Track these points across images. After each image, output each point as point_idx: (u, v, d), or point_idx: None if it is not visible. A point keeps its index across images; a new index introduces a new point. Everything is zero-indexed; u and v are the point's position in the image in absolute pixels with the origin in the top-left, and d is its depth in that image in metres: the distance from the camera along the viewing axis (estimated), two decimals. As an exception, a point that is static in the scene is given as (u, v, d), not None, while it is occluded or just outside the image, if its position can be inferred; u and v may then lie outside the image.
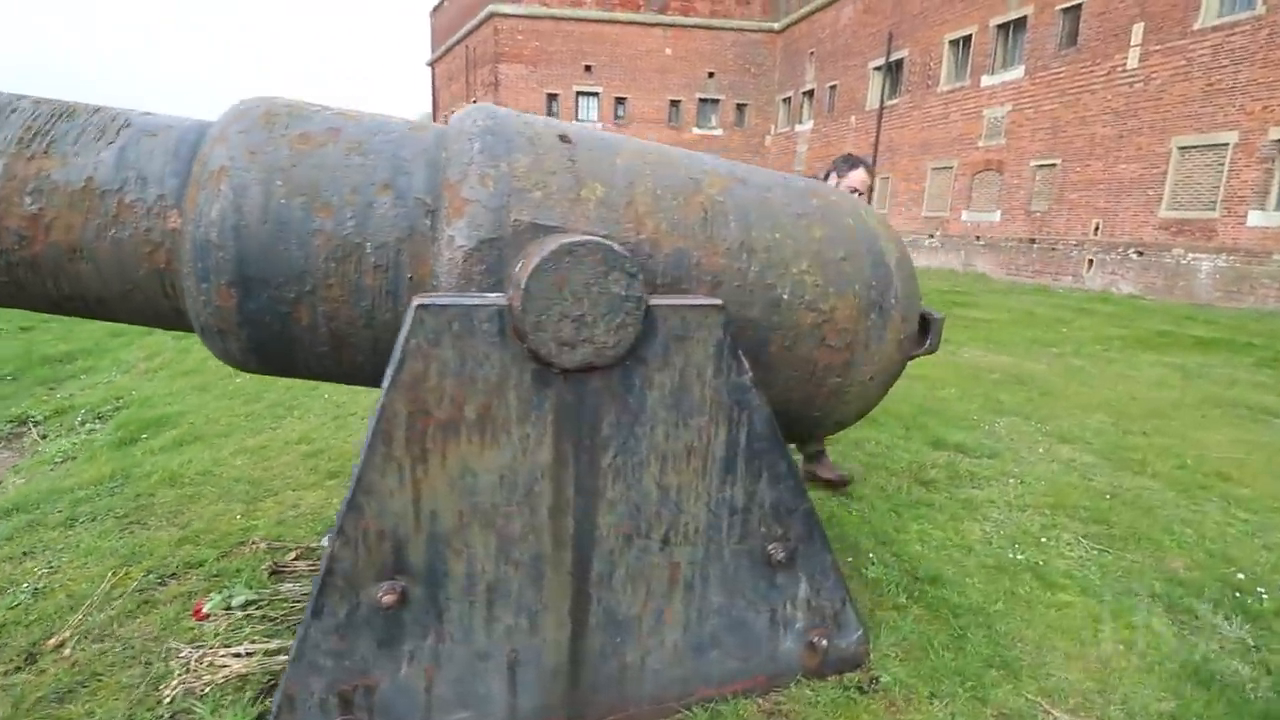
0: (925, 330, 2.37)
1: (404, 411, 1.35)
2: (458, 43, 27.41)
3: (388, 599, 1.39)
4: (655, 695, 1.71)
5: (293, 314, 1.50)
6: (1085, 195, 13.73)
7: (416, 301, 1.32)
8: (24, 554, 2.38)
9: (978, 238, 16.58)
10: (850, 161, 3.15)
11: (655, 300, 1.48)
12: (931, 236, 18.06)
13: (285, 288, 1.47)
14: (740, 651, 1.77)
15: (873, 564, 2.49)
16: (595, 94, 24.98)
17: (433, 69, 31.26)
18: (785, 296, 1.74)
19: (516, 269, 1.39)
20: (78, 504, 2.73)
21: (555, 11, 23.92)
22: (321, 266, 1.47)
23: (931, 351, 2.40)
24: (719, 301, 1.53)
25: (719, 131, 26.79)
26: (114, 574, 2.24)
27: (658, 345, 1.49)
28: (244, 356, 1.60)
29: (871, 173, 3.16)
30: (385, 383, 1.33)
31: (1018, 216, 15.40)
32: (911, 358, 2.38)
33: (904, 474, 3.45)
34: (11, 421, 3.78)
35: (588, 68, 24.58)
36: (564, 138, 1.66)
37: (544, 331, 1.36)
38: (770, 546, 1.71)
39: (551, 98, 24.60)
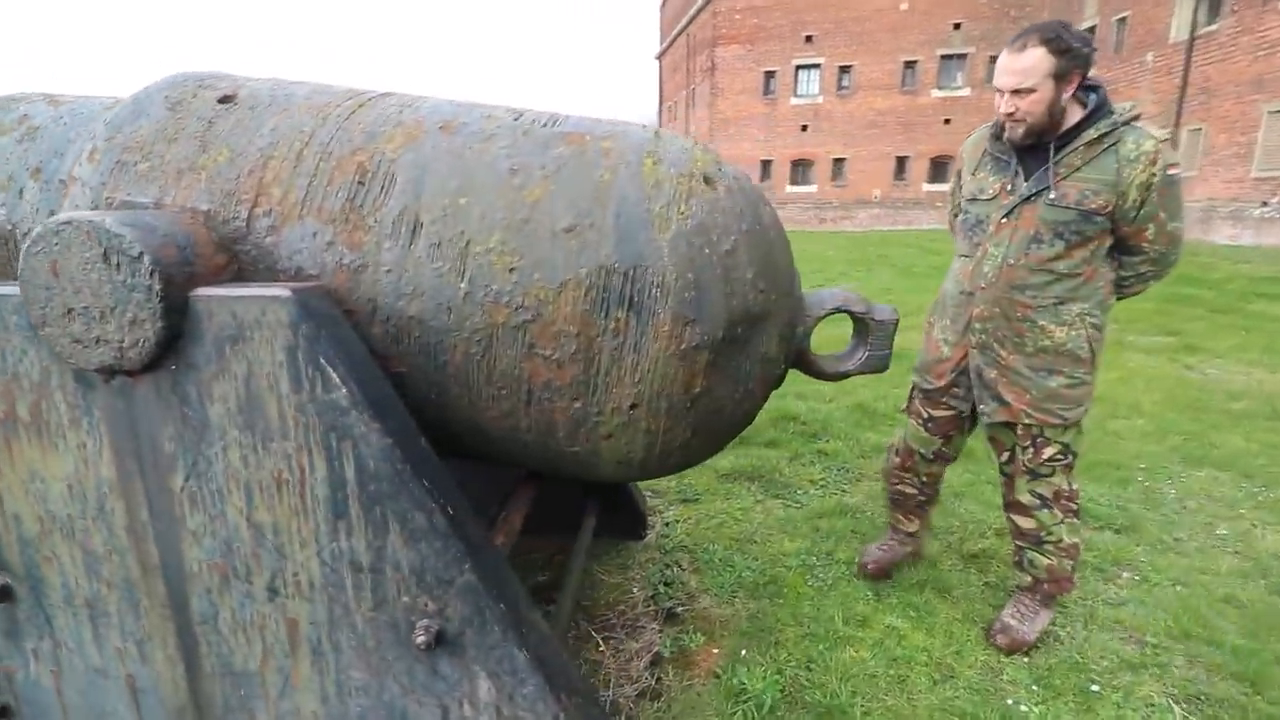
0: (864, 335, 1.66)
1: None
2: (680, 32, 27.80)
3: (-25, 596, 1.34)
4: (304, 770, 1.41)
5: None
6: None
7: None
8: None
9: (1346, 204, 11.59)
10: (1013, 42, 1.65)
11: (202, 291, 1.17)
12: (1264, 205, 13.15)
13: None
14: (406, 746, 1.37)
15: (753, 665, 1.78)
16: (816, 65, 23.18)
17: (660, 62, 32.27)
18: (463, 286, 1.27)
19: None
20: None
21: (777, -15, 22.75)
22: None
23: (875, 370, 1.66)
24: (283, 292, 1.14)
25: (965, 91, 22.98)
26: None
27: (209, 347, 1.18)
28: None
29: (1061, 48, 1.58)
30: (-59, 374, 1.26)
31: None
32: (833, 376, 1.67)
33: (948, 535, 2.48)
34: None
35: (808, 38, 22.90)
36: (227, 98, 1.41)
37: (52, 327, 1.16)
38: (419, 624, 1.28)
39: (769, 76, 23.51)
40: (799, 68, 23.48)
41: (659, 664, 1.81)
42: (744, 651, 1.83)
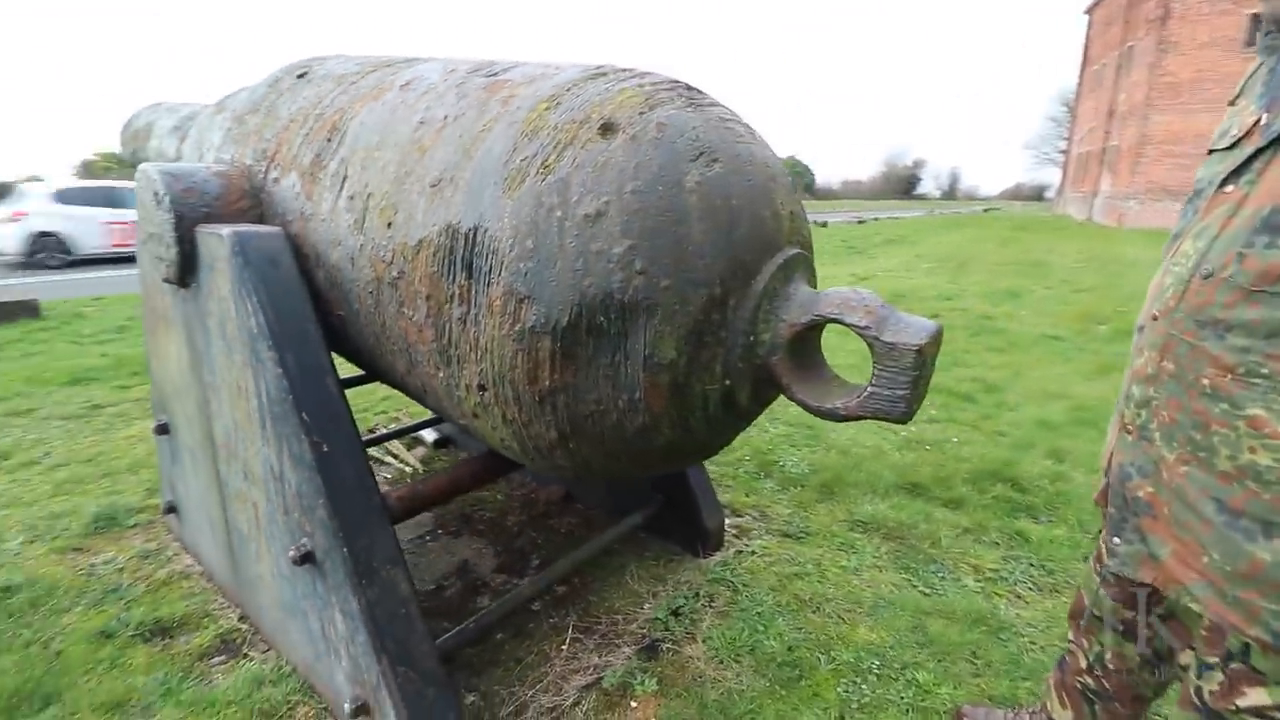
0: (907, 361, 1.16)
1: (143, 299, 1.86)
2: (1129, -23, 21.59)
3: (155, 425, 1.98)
4: (271, 630, 1.71)
5: None
6: None
7: None
8: None
9: None
10: None
11: (202, 226, 1.46)
12: None
13: None
14: (310, 645, 1.54)
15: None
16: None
17: (1089, 18, 25.72)
18: (361, 238, 1.31)
19: None
20: None
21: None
22: None
23: (883, 415, 1.16)
24: (225, 231, 1.35)
25: None
26: None
27: (204, 273, 1.47)
28: None
29: None
30: (147, 275, 1.86)
31: None
32: (817, 413, 1.24)
33: None
34: None
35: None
36: (302, 74, 1.70)
37: (146, 245, 1.60)
38: (299, 539, 1.41)
39: (1256, 19, 16.58)
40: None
41: (591, 690, 1.62)
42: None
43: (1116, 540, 1.05)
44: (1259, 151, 0.88)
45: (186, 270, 1.51)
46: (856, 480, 2.72)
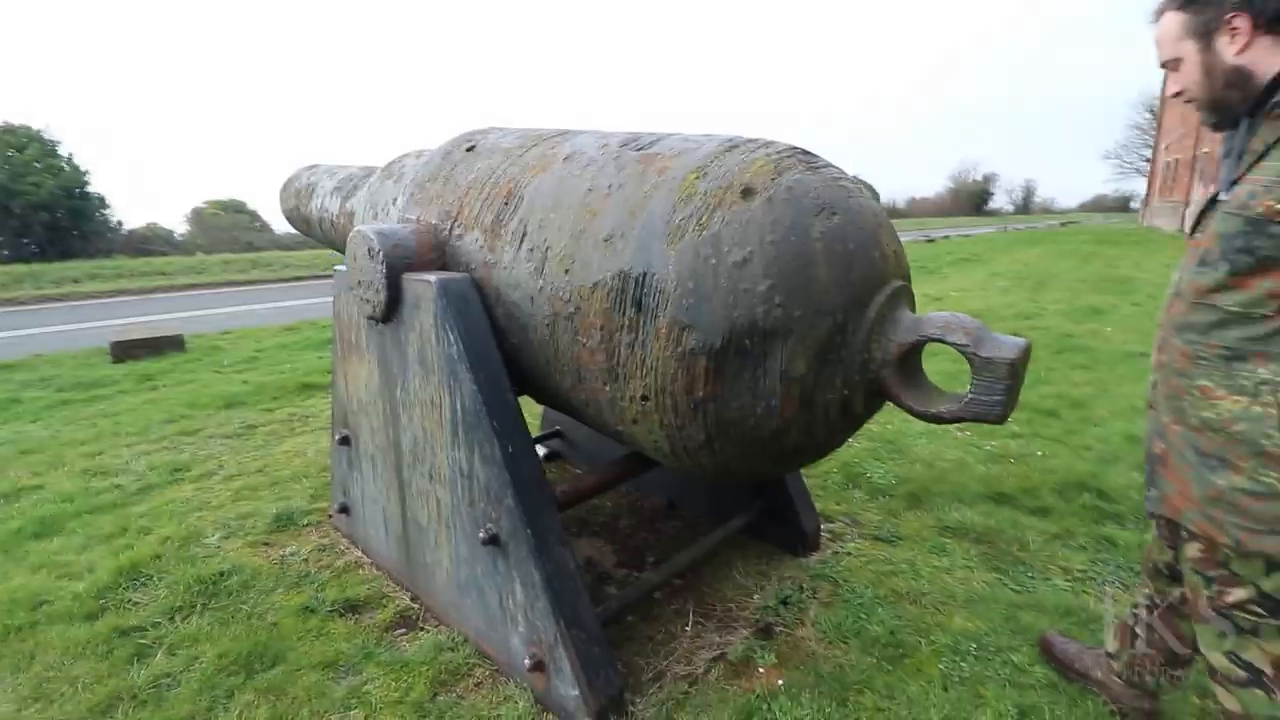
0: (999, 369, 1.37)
1: (336, 334, 2.27)
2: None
3: (337, 437, 2.38)
4: (444, 607, 2.05)
5: None
6: None
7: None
8: None
9: None
10: None
11: (408, 275, 1.83)
12: None
13: None
14: (484, 617, 1.86)
15: (795, 708, 1.65)
16: None
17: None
18: (540, 282, 1.64)
19: None
20: None
21: None
22: None
23: (980, 418, 1.40)
24: (432, 278, 1.72)
25: None
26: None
27: (407, 310, 1.84)
28: None
29: None
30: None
31: None
32: (920, 415, 1.48)
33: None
34: None
35: None
36: (470, 148, 2.09)
37: (355, 290, 1.99)
38: (485, 525, 1.73)
39: None
40: None
41: (718, 662, 1.86)
42: (805, 691, 1.71)
43: (1152, 491, 1.35)
44: (1204, 209, 1.24)
45: (391, 309, 1.90)
46: (943, 490, 2.86)
